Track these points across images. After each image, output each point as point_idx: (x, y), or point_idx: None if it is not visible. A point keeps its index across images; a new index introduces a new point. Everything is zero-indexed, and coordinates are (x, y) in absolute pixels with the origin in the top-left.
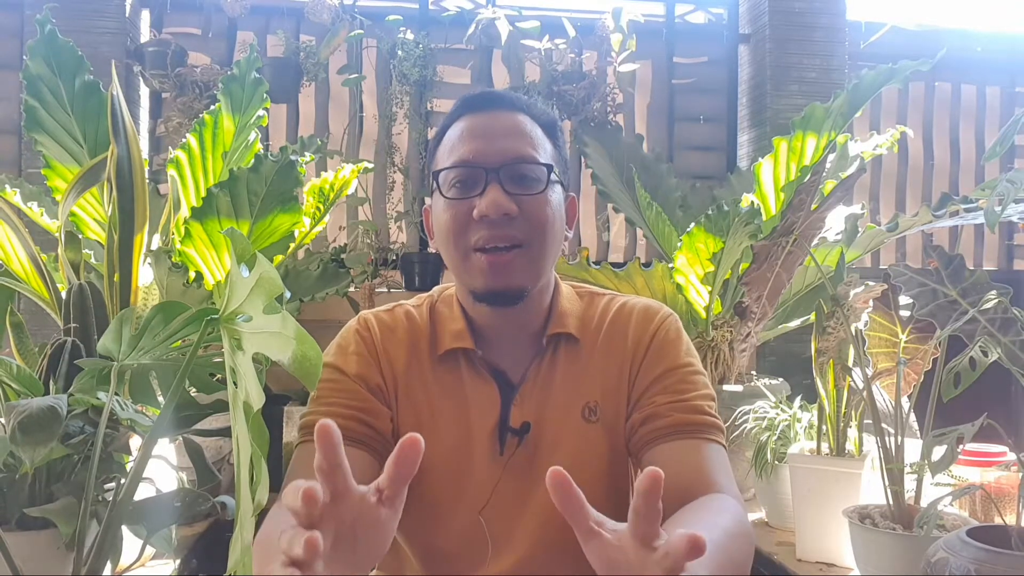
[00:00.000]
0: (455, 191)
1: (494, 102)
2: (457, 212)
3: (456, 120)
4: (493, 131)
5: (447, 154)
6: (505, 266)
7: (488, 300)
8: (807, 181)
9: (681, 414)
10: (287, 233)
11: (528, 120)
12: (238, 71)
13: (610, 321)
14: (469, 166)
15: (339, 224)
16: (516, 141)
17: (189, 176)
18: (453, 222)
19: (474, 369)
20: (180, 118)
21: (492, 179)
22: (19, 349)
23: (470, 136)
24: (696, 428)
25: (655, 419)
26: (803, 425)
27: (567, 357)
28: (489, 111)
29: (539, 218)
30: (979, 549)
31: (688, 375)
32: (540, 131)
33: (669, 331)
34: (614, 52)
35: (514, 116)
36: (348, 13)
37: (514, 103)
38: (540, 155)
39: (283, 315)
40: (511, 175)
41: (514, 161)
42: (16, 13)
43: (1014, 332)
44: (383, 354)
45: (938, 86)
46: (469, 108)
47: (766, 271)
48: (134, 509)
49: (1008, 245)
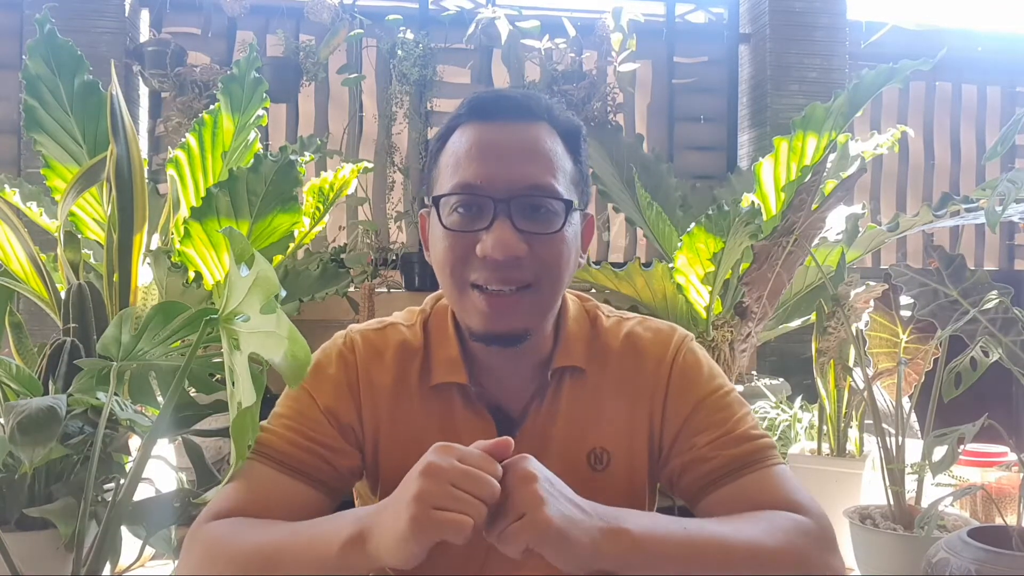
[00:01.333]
0: (457, 220)
1: (508, 110)
2: (457, 243)
3: (462, 125)
4: (505, 150)
5: (450, 171)
6: (508, 309)
7: (486, 342)
8: (808, 181)
9: (729, 450)
10: (287, 233)
11: (547, 131)
12: (238, 71)
13: (618, 354)
14: (474, 193)
15: (339, 224)
16: (532, 165)
17: (188, 176)
18: (451, 254)
19: (468, 403)
20: (180, 118)
21: (501, 212)
22: (18, 349)
23: (478, 154)
24: (750, 460)
25: (701, 463)
26: (804, 425)
27: (572, 392)
28: (502, 121)
29: (552, 259)
30: (980, 549)
31: (720, 401)
32: (561, 146)
33: (687, 358)
34: (614, 52)
35: (531, 129)
36: (348, 13)
37: (532, 110)
38: (559, 182)
39: (278, 314)
40: (523, 208)
41: (528, 192)
42: (16, 13)
43: (1015, 332)
44: (365, 383)
45: (939, 86)
46: (478, 115)
47: (766, 271)
48: (133, 509)
49: (1009, 245)
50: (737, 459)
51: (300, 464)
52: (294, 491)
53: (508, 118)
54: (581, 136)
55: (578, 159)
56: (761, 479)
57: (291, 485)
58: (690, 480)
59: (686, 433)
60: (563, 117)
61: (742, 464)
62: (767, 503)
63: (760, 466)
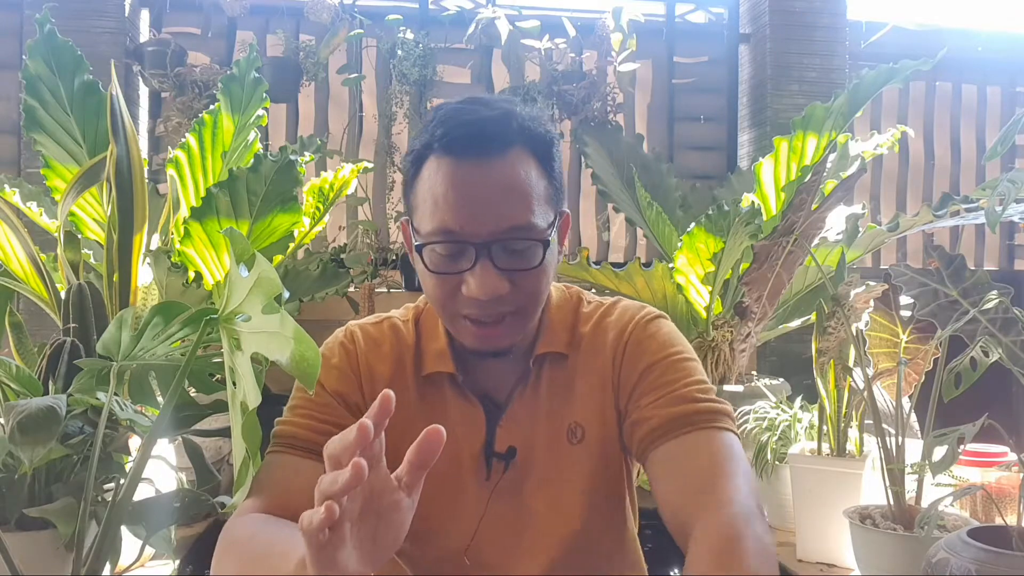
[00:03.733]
0: (440, 262)
1: (483, 145)
2: (443, 283)
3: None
4: (481, 193)
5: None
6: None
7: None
8: (808, 181)
9: (668, 409)
10: (286, 233)
11: (522, 159)
12: (238, 71)
13: (590, 334)
14: (455, 240)
15: (339, 224)
16: (509, 206)
17: (188, 176)
18: (439, 292)
19: (458, 390)
20: (179, 118)
21: (482, 255)
22: (18, 349)
23: (455, 198)
24: (686, 420)
25: (643, 423)
26: (804, 425)
27: (553, 375)
28: (475, 159)
29: (533, 288)
30: (980, 549)
31: (671, 365)
32: (535, 170)
33: (645, 326)
34: (614, 52)
35: (506, 163)
36: (348, 13)
37: (505, 139)
38: (537, 214)
39: (282, 315)
40: (503, 250)
41: (507, 234)
42: (16, 13)
43: (1015, 332)
44: (366, 370)
45: (939, 86)
46: (453, 151)
47: (766, 271)
48: (133, 509)
49: (1009, 245)
50: (677, 418)
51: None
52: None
53: (484, 154)
54: (554, 146)
55: (552, 171)
56: (692, 444)
57: (313, 468)
58: (635, 441)
59: (635, 395)
60: (537, 131)
61: (681, 424)
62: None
63: (695, 428)
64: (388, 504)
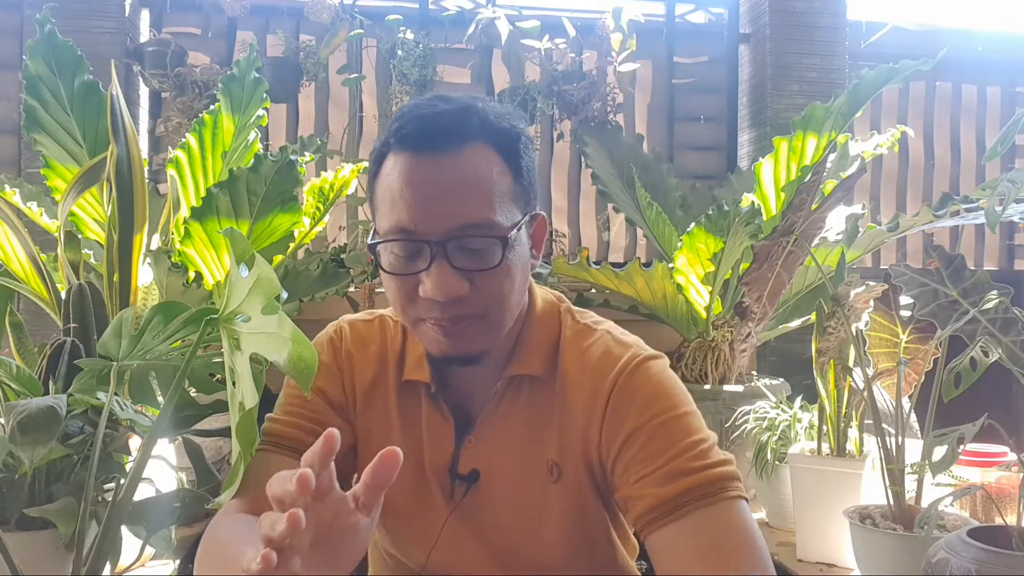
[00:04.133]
0: (396, 263)
1: (440, 138)
2: (401, 285)
3: (393, 151)
4: (438, 187)
5: (386, 208)
6: (460, 335)
7: (444, 364)
8: (808, 181)
9: (658, 488)
10: (287, 233)
11: (483, 155)
12: (238, 71)
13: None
14: (409, 239)
15: (339, 224)
16: (466, 202)
17: (189, 176)
18: (398, 293)
19: (433, 402)
20: (180, 118)
21: (438, 255)
22: (19, 349)
23: (410, 194)
24: (682, 500)
25: (635, 503)
26: (803, 425)
27: (529, 402)
28: (433, 152)
29: (495, 290)
30: (980, 549)
31: (657, 429)
32: (498, 166)
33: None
34: (614, 52)
35: (465, 157)
36: (348, 13)
37: (465, 131)
38: (498, 211)
39: (280, 315)
40: (459, 248)
41: (462, 231)
42: (16, 13)
43: (1015, 332)
44: (348, 370)
45: (939, 86)
46: (410, 144)
47: (766, 271)
48: (133, 509)
49: (1009, 245)
50: (672, 499)
51: (302, 444)
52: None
53: (440, 148)
54: (521, 142)
55: (519, 169)
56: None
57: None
58: (630, 519)
59: (620, 465)
60: (501, 126)
61: (677, 504)
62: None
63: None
64: (344, 528)
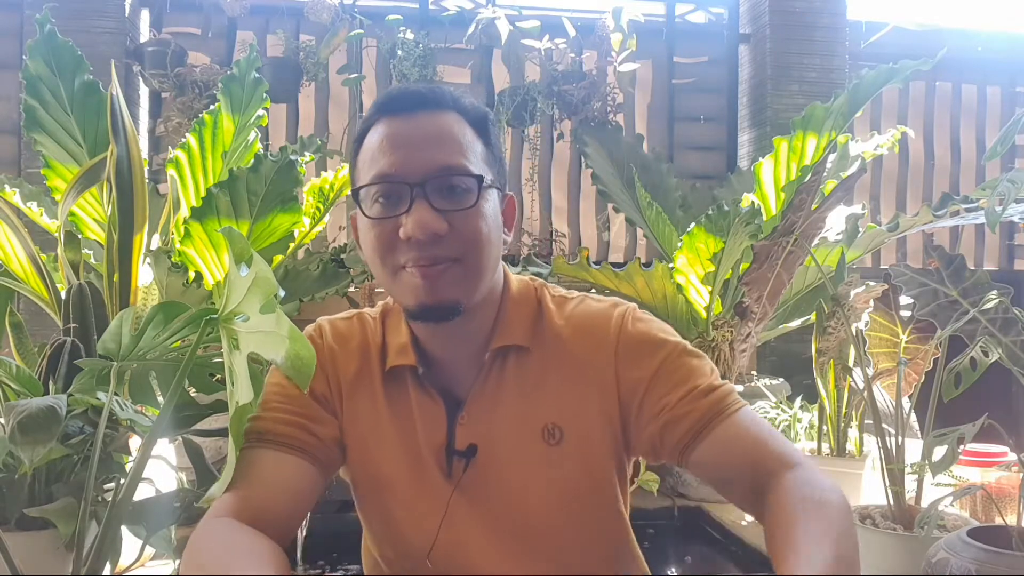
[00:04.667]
0: (378, 208)
1: (415, 103)
2: (382, 231)
3: (374, 124)
4: (415, 138)
5: (367, 166)
6: (436, 279)
7: (422, 317)
8: (808, 181)
9: (700, 402)
10: (287, 233)
11: (455, 119)
12: (238, 71)
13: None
14: (390, 181)
15: (339, 224)
16: (442, 149)
17: (189, 176)
18: (378, 242)
19: (420, 386)
20: (180, 118)
21: (418, 195)
22: (18, 349)
23: (390, 145)
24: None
25: (679, 422)
26: (804, 425)
27: (517, 371)
28: (410, 114)
29: (472, 233)
30: (980, 549)
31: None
32: (470, 131)
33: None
34: (614, 52)
35: (439, 117)
36: (348, 13)
37: (438, 101)
38: (471, 161)
39: (277, 314)
40: (438, 189)
41: (440, 173)
42: (16, 13)
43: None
44: (331, 364)
45: (939, 86)
46: (387, 110)
47: (766, 271)
48: (133, 509)
49: (1009, 245)
50: (708, 410)
51: (286, 437)
52: (285, 465)
53: (416, 110)
54: (489, 121)
55: (488, 142)
56: (733, 426)
57: (282, 460)
58: (672, 441)
59: (653, 398)
60: (470, 105)
61: (712, 415)
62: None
63: (729, 413)
64: None
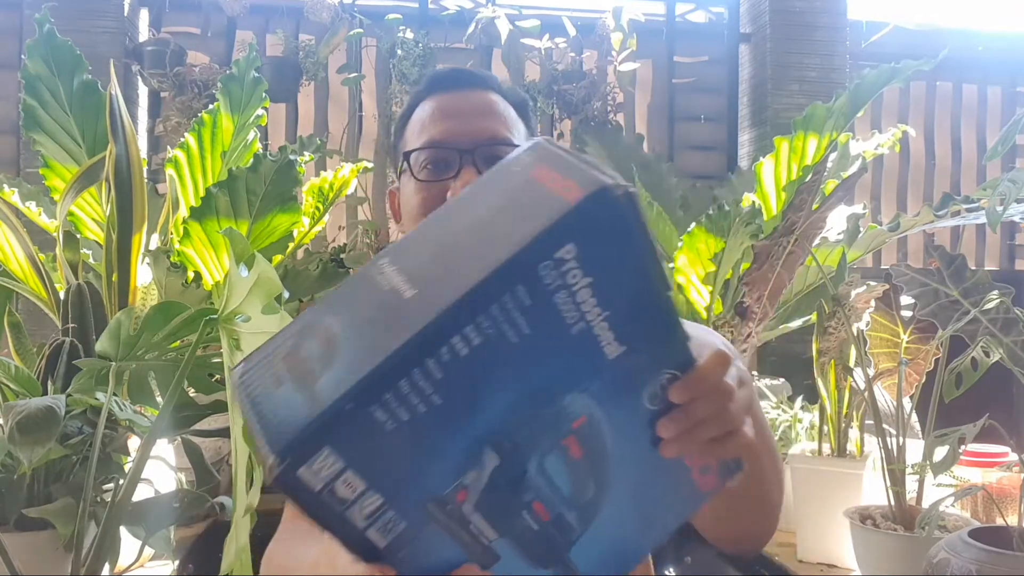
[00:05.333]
0: (427, 173)
1: (465, 80)
2: (429, 195)
3: (425, 98)
4: (465, 110)
5: (417, 134)
6: None
7: None
8: (808, 181)
9: None
10: (286, 233)
11: (500, 99)
12: (237, 70)
13: None
14: (441, 147)
15: (339, 224)
16: (490, 121)
17: (188, 176)
18: (424, 205)
19: None
20: (179, 117)
21: (467, 161)
22: (17, 349)
23: (441, 116)
24: None
25: None
26: (804, 426)
27: None
28: (460, 90)
29: None
30: (981, 550)
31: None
32: (513, 112)
33: None
34: (614, 51)
35: (486, 95)
36: (348, 12)
37: (485, 81)
38: (515, 136)
39: (281, 315)
40: (486, 157)
41: (489, 142)
42: (15, 13)
43: (1016, 332)
44: None
45: (939, 86)
46: (439, 87)
47: (767, 271)
48: (132, 510)
49: (1010, 245)
50: None
51: None
52: None
53: (464, 86)
54: (529, 107)
55: (529, 125)
56: None
57: None
58: None
59: None
60: (512, 91)
61: None
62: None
63: None
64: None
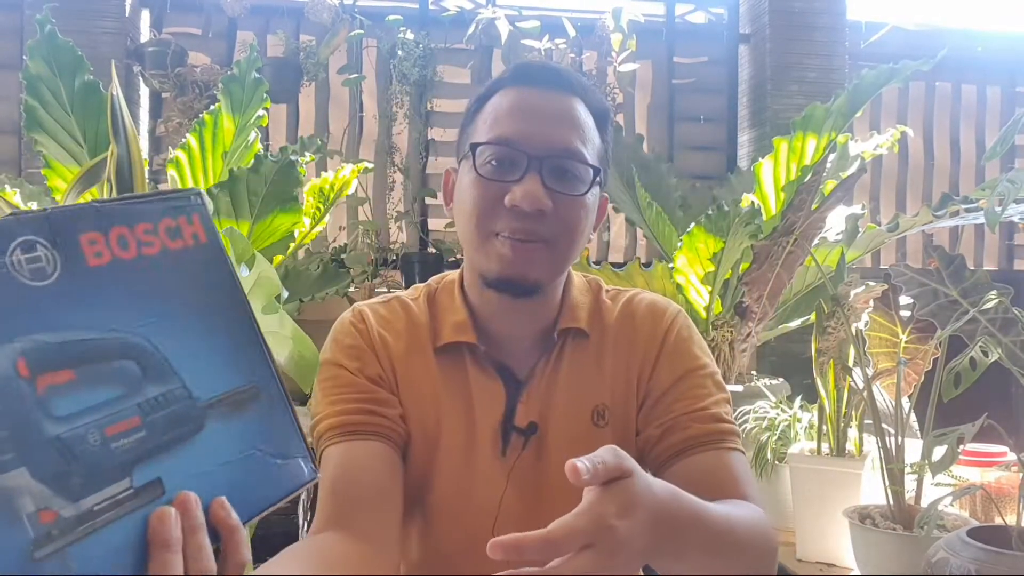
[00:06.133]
0: (490, 170)
1: (551, 79)
2: (487, 193)
3: (505, 87)
4: (543, 113)
5: (489, 125)
6: (526, 256)
7: (499, 288)
8: (807, 181)
9: (701, 424)
10: (287, 233)
11: (583, 107)
12: (238, 71)
13: (617, 318)
14: (511, 147)
15: (339, 224)
16: (567, 131)
17: (189, 176)
18: (481, 202)
19: (478, 364)
20: (180, 118)
21: (533, 167)
22: None
23: (518, 112)
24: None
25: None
26: (803, 425)
27: (575, 354)
28: (544, 88)
29: (572, 220)
30: (980, 549)
31: (704, 379)
32: (592, 122)
33: (681, 330)
34: (614, 52)
35: (569, 100)
36: (348, 13)
37: (572, 85)
38: (589, 152)
39: (281, 315)
40: (554, 168)
41: (561, 154)
42: (16, 13)
43: (1015, 332)
44: (380, 345)
45: (938, 86)
46: (523, 79)
47: (766, 271)
48: None
49: (1008, 245)
50: (708, 434)
51: (361, 425)
52: (369, 453)
53: (549, 86)
54: (609, 120)
55: (605, 138)
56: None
57: (364, 448)
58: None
59: (668, 398)
60: (596, 99)
61: (709, 440)
62: (716, 483)
63: (724, 446)
64: None
